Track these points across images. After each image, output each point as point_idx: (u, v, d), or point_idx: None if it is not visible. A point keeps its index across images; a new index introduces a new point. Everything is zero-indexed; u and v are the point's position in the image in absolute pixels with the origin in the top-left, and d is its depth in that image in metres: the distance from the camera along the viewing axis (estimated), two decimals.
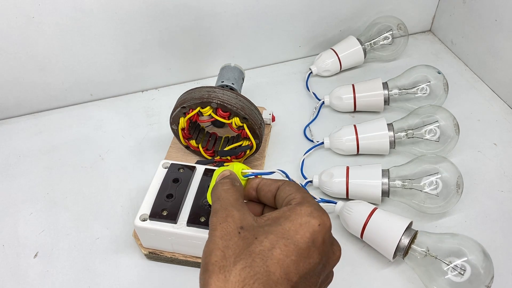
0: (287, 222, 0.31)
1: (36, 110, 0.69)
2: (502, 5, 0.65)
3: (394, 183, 0.52)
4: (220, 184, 0.35)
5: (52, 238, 0.53)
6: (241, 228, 0.31)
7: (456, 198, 0.50)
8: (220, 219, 0.32)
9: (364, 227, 0.48)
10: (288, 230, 0.30)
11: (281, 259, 0.29)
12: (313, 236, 0.30)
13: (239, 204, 0.33)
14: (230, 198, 0.34)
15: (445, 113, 0.56)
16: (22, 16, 0.58)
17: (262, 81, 0.74)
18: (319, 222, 0.31)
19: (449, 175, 0.50)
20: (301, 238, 0.30)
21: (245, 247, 0.30)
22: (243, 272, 0.28)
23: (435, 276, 0.44)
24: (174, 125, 0.56)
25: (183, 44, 0.69)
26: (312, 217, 0.31)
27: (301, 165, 0.59)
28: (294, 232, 0.30)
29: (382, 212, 0.48)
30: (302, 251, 0.29)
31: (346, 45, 0.72)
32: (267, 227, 0.31)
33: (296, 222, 0.30)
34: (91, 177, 0.60)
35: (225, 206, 0.33)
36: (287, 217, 0.31)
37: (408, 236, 0.46)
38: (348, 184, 0.53)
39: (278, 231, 0.30)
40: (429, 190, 0.50)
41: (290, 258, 0.29)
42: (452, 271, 0.43)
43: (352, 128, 0.59)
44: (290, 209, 0.32)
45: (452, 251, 0.44)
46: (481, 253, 0.43)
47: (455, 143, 0.57)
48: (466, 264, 0.43)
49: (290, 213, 0.31)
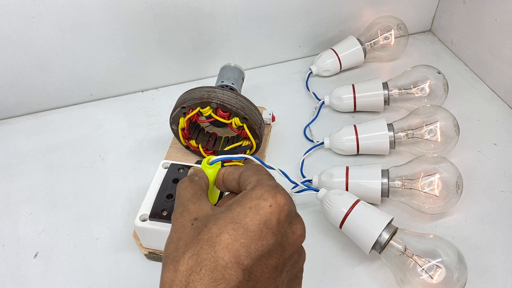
0: (238, 207, 0.30)
1: (36, 110, 0.69)
2: (502, 5, 0.65)
3: (393, 183, 0.52)
4: (180, 183, 0.36)
5: (52, 238, 0.53)
6: (195, 220, 0.31)
7: (455, 199, 0.50)
8: (177, 214, 0.32)
9: (345, 219, 0.48)
10: (237, 215, 0.30)
11: (229, 244, 0.28)
12: (265, 217, 0.29)
13: (196, 197, 0.33)
14: (188, 193, 0.34)
15: (445, 113, 0.56)
16: (22, 16, 0.58)
17: (262, 81, 0.74)
18: (269, 204, 0.30)
19: (448, 175, 0.50)
20: (250, 220, 0.29)
21: (195, 236, 0.30)
22: (191, 261, 0.28)
23: (409, 276, 0.44)
24: (174, 125, 0.56)
25: (183, 44, 0.69)
26: (263, 199, 0.30)
27: (301, 165, 0.59)
28: (244, 216, 0.29)
29: (365, 204, 0.48)
30: (252, 233, 0.29)
31: (346, 45, 0.72)
32: (219, 214, 0.30)
33: (246, 206, 0.30)
34: (91, 177, 0.60)
35: (181, 202, 0.33)
36: (239, 202, 0.31)
37: (388, 232, 0.46)
38: (347, 184, 0.53)
39: (227, 217, 0.30)
40: (429, 190, 0.50)
41: (240, 242, 0.28)
42: (427, 272, 0.43)
43: (352, 128, 0.59)
44: (243, 194, 0.32)
45: (428, 251, 0.44)
46: (456, 256, 0.43)
47: (455, 143, 0.57)
48: (441, 265, 0.43)
49: (241, 198, 0.31)
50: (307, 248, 0.34)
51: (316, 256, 0.50)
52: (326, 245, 0.51)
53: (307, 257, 0.34)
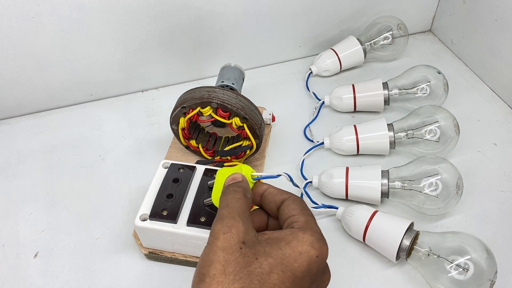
0: (288, 248, 0.31)
1: (36, 110, 0.69)
2: (502, 5, 0.65)
3: (393, 184, 0.52)
4: (233, 192, 0.35)
5: (52, 238, 0.53)
6: (243, 243, 0.31)
7: (456, 200, 0.50)
8: (225, 228, 0.32)
9: (366, 231, 0.48)
10: (287, 257, 0.31)
11: (276, 285, 0.29)
12: (310, 266, 0.31)
13: (246, 216, 0.33)
14: (240, 208, 0.34)
15: (445, 113, 0.56)
16: (22, 16, 0.58)
17: (262, 81, 0.74)
18: (317, 254, 0.31)
19: (449, 176, 0.50)
20: (298, 267, 0.31)
21: (245, 266, 0.30)
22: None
23: (439, 275, 0.44)
24: (174, 125, 0.56)
25: (183, 44, 0.69)
26: (313, 247, 0.31)
27: (301, 165, 0.59)
28: (293, 260, 0.31)
29: (383, 214, 0.48)
30: (297, 279, 0.30)
31: (346, 45, 0.72)
32: (268, 248, 0.31)
33: (296, 250, 0.31)
34: (91, 177, 0.60)
35: (232, 215, 0.33)
36: (289, 242, 0.31)
37: (409, 237, 0.46)
38: (347, 185, 0.53)
39: (278, 256, 0.31)
40: (429, 192, 0.50)
41: (285, 285, 0.30)
42: (456, 269, 0.43)
43: (352, 128, 0.59)
44: (292, 233, 0.32)
45: (455, 249, 0.44)
46: (483, 251, 0.44)
47: (455, 143, 0.56)
48: (469, 262, 0.43)
49: (291, 238, 0.32)
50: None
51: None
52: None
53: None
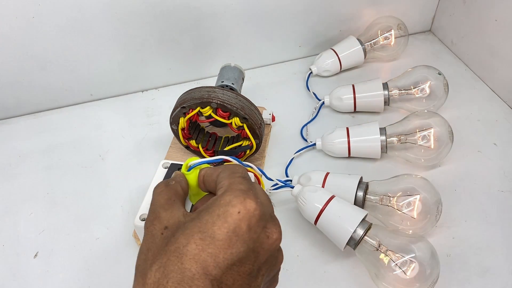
0: (206, 215, 0.29)
1: (36, 110, 0.69)
2: (502, 5, 0.65)
3: (370, 197, 0.51)
4: (155, 188, 0.34)
5: (52, 238, 0.53)
6: (165, 228, 0.30)
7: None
8: (148, 222, 0.31)
9: (319, 215, 0.48)
10: (205, 223, 0.29)
11: (196, 254, 0.28)
12: (234, 225, 0.29)
13: (169, 203, 0.32)
14: (161, 199, 0.33)
15: (440, 119, 0.56)
16: (22, 16, 0.58)
17: (262, 81, 0.74)
18: (238, 210, 0.29)
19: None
20: (218, 229, 0.28)
21: (162, 246, 0.29)
22: (158, 273, 0.27)
23: (383, 271, 0.44)
24: (174, 125, 0.56)
25: (183, 44, 0.69)
26: (231, 206, 0.29)
27: (288, 163, 0.59)
28: (211, 224, 0.29)
29: (339, 201, 0.48)
30: (220, 242, 0.28)
31: (346, 45, 0.72)
32: (188, 223, 0.30)
33: (214, 214, 0.29)
34: (91, 177, 0.60)
35: (153, 209, 0.32)
36: (207, 209, 0.30)
37: (362, 227, 0.46)
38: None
39: (195, 226, 0.29)
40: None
41: (207, 252, 0.28)
42: (400, 267, 0.43)
43: (344, 131, 0.58)
44: (213, 200, 0.31)
45: (402, 247, 0.44)
46: (429, 252, 0.44)
47: (448, 149, 0.56)
48: (414, 260, 0.43)
49: (211, 205, 0.30)
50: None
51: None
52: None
53: None
